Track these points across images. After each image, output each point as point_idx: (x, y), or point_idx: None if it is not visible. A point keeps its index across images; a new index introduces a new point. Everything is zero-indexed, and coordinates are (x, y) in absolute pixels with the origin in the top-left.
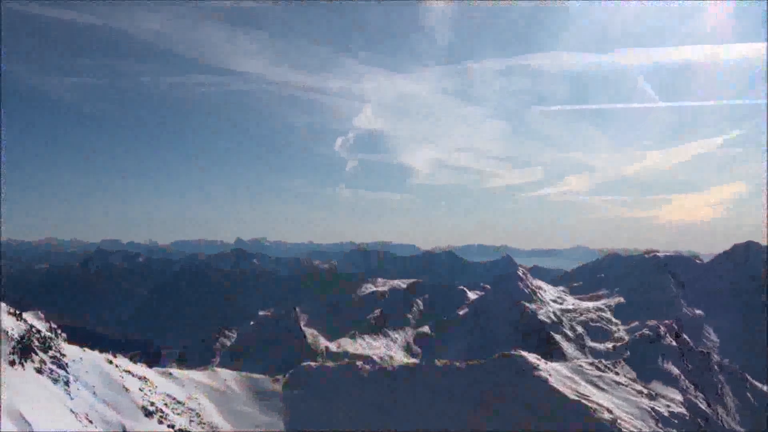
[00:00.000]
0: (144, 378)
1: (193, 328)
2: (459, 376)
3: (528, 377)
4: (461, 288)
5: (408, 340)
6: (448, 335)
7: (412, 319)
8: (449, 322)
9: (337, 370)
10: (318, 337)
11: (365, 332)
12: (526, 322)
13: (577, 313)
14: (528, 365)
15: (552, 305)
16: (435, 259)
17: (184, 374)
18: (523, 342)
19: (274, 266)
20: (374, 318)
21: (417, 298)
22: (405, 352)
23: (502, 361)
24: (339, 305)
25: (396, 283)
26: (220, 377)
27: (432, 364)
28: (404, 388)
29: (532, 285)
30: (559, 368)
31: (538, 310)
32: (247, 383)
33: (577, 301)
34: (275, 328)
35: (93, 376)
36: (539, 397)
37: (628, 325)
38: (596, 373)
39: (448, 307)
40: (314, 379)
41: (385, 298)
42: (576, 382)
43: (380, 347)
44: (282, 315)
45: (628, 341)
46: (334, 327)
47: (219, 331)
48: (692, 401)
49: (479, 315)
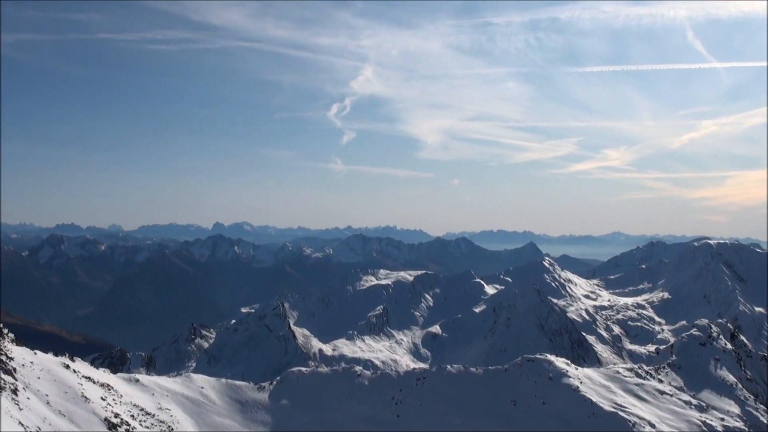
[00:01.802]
0: (107, 385)
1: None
2: (475, 383)
3: (556, 385)
4: (478, 281)
5: (415, 341)
6: (463, 336)
7: (420, 317)
8: (464, 321)
9: (332, 377)
10: (310, 338)
11: (365, 332)
12: (554, 322)
13: (614, 310)
14: (556, 371)
15: (584, 301)
16: (447, 247)
17: (153, 381)
18: (550, 344)
19: (258, 255)
20: (376, 316)
21: (426, 293)
22: (412, 355)
23: (525, 367)
24: (334, 301)
25: (401, 275)
26: (195, 384)
27: (443, 369)
28: (411, 397)
29: (561, 277)
30: (593, 375)
31: (567, 307)
32: (226, 391)
33: (614, 297)
34: (259, 328)
35: (46, 384)
36: (569, 408)
37: (674, 325)
38: (636, 381)
39: (462, 303)
40: (305, 387)
41: (388, 292)
42: (612, 390)
43: (383, 350)
44: (267, 312)
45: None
46: (329, 326)
47: (194, 331)
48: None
49: (499, 313)
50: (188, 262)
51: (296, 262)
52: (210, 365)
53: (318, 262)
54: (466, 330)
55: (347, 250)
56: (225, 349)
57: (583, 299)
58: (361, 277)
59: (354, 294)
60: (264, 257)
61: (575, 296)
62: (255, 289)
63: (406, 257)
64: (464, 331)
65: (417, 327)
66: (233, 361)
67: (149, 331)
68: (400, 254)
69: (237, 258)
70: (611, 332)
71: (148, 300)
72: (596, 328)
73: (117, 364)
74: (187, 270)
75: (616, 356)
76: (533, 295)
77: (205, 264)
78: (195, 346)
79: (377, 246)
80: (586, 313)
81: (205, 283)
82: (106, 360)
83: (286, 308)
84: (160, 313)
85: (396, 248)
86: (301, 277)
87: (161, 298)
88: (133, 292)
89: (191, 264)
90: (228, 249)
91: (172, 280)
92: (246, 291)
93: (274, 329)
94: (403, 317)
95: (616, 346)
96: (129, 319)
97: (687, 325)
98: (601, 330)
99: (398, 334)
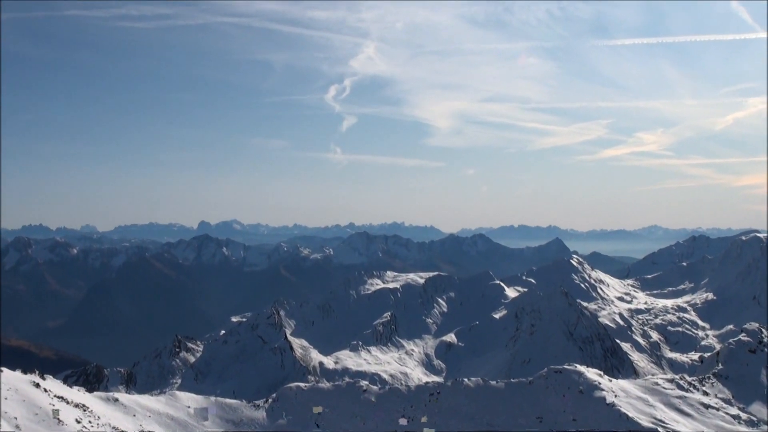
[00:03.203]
0: (82, 406)
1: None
2: (496, 398)
3: (587, 399)
4: (497, 283)
5: (428, 352)
6: (481, 345)
7: (432, 325)
8: (482, 328)
9: (334, 393)
10: (308, 350)
11: (371, 342)
12: (584, 328)
13: (652, 314)
14: (587, 383)
15: (618, 304)
16: (462, 245)
17: (134, 400)
18: (580, 353)
19: (250, 257)
20: (383, 324)
21: (439, 297)
22: (424, 367)
23: (552, 379)
24: (335, 307)
25: (411, 278)
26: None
27: (460, 383)
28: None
29: (592, 278)
30: (629, 387)
31: (599, 312)
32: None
33: (652, 299)
34: (252, 339)
35: (14, 405)
36: (602, 424)
37: (720, 330)
38: (678, 393)
39: (480, 309)
40: (304, 405)
41: (396, 297)
42: (651, 404)
43: (391, 362)
44: (260, 321)
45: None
46: (330, 336)
47: (178, 344)
48: None
49: (522, 318)
50: (171, 266)
51: (292, 265)
52: (197, 381)
53: (317, 264)
54: (484, 338)
55: (349, 250)
56: (214, 363)
57: (616, 302)
58: (366, 280)
59: (358, 299)
60: (256, 259)
61: (608, 299)
62: (246, 296)
63: (415, 257)
64: (483, 339)
65: (429, 336)
66: (223, 377)
67: (128, 345)
68: (408, 254)
69: (225, 261)
70: (649, 339)
71: (126, 309)
72: (632, 335)
73: (93, 381)
74: (169, 275)
75: (655, 366)
76: (560, 298)
77: (189, 268)
78: (180, 361)
79: (383, 245)
80: (620, 317)
81: (190, 289)
82: (80, 377)
83: (281, 316)
84: (141, 324)
85: (404, 247)
86: (297, 282)
87: (141, 307)
88: (110, 300)
89: (174, 268)
90: (215, 251)
91: (153, 286)
92: (236, 298)
93: (269, 340)
94: (413, 325)
95: (655, 354)
96: (105, 331)
97: (734, 330)
98: (637, 336)
99: (408, 344)
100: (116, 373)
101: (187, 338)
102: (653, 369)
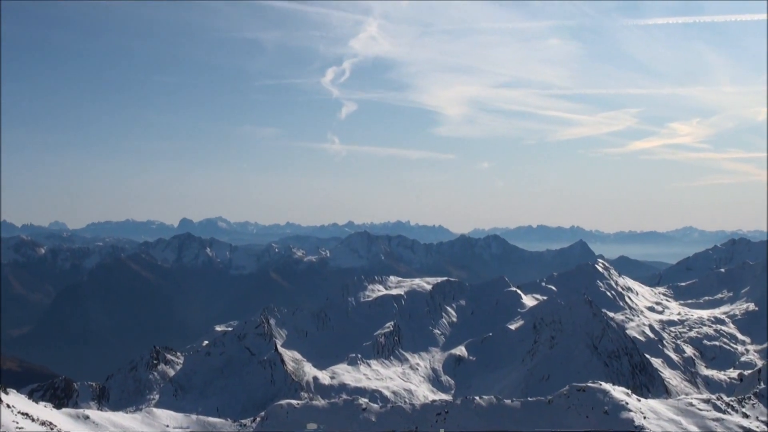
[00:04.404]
0: (49, 423)
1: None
2: (511, 419)
3: (613, 420)
4: (513, 290)
5: (435, 366)
6: (495, 359)
7: (440, 336)
8: (496, 341)
9: (330, 411)
10: (301, 363)
11: (371, 356)
12: (610, 341)
13: (686, 326)
14: (613, 403)
15: (648, 315)
16: (474, 248)
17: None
18: (605, 369)
19: (237, 259)
20: (385, 335)
21: (448, 305)
22: (430, 384)
23: (574, 398)
24: (332, 316)
25: (417, 283)
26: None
27: (471, 401)
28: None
29: (619, 285)
30: (659, 407)
31: (627, 323)
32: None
33: (686, 309)
34: (239, 351)
35: None
36: None
37: (762, 345)
38: (714, 415)
39: (493, 318)
40: (297, 424)
41: (400, 304)
42: (684, 427)
43: (394, 377)
44: (248, 331)
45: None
46: (326, 348)
47: (156, 355)
48: None
49: (540, 330)
50: (149, 269)
51: (284, 268)
52: (177, 398)
53: (311, 268)
54: (498, 352)
55: (348, 252)
56: (195, 377)
57: (646, 312)
58: (366, 285)
59: (357, 307)
60: (243, 261)
61: (637, 309)
62: (232, 302)
63: (422, 260)
64: (496, 353)
65: (437, 348)
66: (206, 393)
67: (101, 356)
68: (414, 257)
69: (209, 263)
70: (682, 354)
71: (99, 316)
72: (663, 349)
73: (61, 396)
74: (147, 278)
75: (689, 384)
76: (584, 307)
77: (169, 270)
78: (158, 374)
79: (386, 246)
80: (651, 329)
81: (169, 294)
82: (47, 392)
83: (271, 326)
84: (115, 333)
85: (410, 249)
86: (290, 287)
87: (116, 314)
88: (81, 306)
89: (153, 270)
90: (198, 251)
91: (129, 290)
92: (221, 304)
93: (257, 352)
94: (418, 336)
95: (689, 371)
96: (76, 341)
97: None
98: (669, 351)
99: (413, 358)
100: (87, 387)
101: (166, 349)
102: (687, 388)
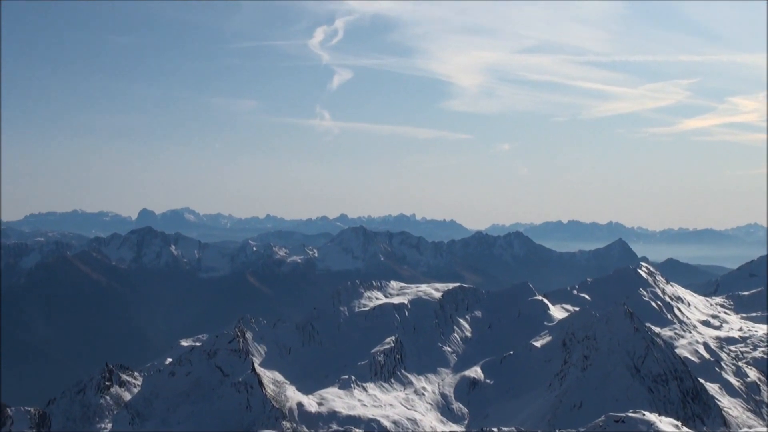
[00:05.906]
0: None
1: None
2: None
3: None
4: (539, 299)
5: (444, 390)
6: (517, 383)
7: (452, 355)
8: (518, 360)
9: None
10: (283, 386)
11: (367, 377)
12: (656, 362)
13: (749, 345)
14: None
15: (702, 331)
16: (493, 247)
17: None
18: (649, 396)
19: (207, 259)
20: (384, 352)
21: (461, 317)
22: (439, 412)
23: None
24: (320, 329)
25: (423, 290)
26: None
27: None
28: None
29: (667, 294)
30: None
31: (676, 340)
32: None
33: (749, 324)
34: (208, 370)
35: None
36: None
37: None
38: None
39: (515, 333)
40: None
41: (403, 315)
42: None
43: (395, 404)
44: (220, 346)
45: None
46: (313, 368)
47: (109, 375)
48: None
49: (572, 348)
50: (101, 270)
51: (263, 270)
52: (133, 426)
53: (296, 270)
54: (521, 374)
55: (340, 252)
56: (157, 402)
57: (700, 328)
58: (362, 292)
59: (351, 319)
60: (215, 262)
61: (688, 323)
62: (201, 311)
63: (430, 262)
64: (519, 375)
65: (447, 369)
66: (169, 421)
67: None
68: (421, 258)
69: (174, 263)
70: (744, 378)
71: (39, 327)
72: (721, 372)
73: None
74: (98, 281)
75: (753, 415)
76: (623, 320)
77: (126, 272)
78: (111, 398)
79: (386, 245)
80: (706, 348)
81: (126, 301)
82: None
83: (248, 340)
84: (59, 348)
85: (415, 249)
86: (270, 293)
87: (60, 325)
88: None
89: (105, 272)
90: (161, 249)
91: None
92: (188, 314)
93: (231, 372)
94: (425, 354)
95: (752, 399)
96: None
97: None
98: (728, 375)
99: (418, 381)
100: (24, 413)
101: (121, 368)
102: (750, 419)
